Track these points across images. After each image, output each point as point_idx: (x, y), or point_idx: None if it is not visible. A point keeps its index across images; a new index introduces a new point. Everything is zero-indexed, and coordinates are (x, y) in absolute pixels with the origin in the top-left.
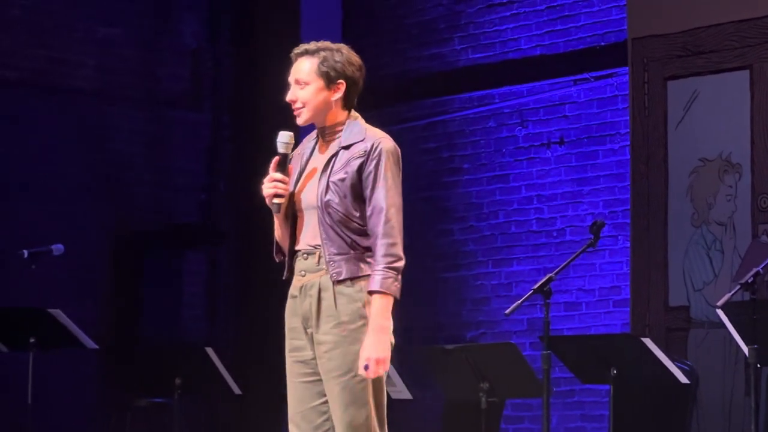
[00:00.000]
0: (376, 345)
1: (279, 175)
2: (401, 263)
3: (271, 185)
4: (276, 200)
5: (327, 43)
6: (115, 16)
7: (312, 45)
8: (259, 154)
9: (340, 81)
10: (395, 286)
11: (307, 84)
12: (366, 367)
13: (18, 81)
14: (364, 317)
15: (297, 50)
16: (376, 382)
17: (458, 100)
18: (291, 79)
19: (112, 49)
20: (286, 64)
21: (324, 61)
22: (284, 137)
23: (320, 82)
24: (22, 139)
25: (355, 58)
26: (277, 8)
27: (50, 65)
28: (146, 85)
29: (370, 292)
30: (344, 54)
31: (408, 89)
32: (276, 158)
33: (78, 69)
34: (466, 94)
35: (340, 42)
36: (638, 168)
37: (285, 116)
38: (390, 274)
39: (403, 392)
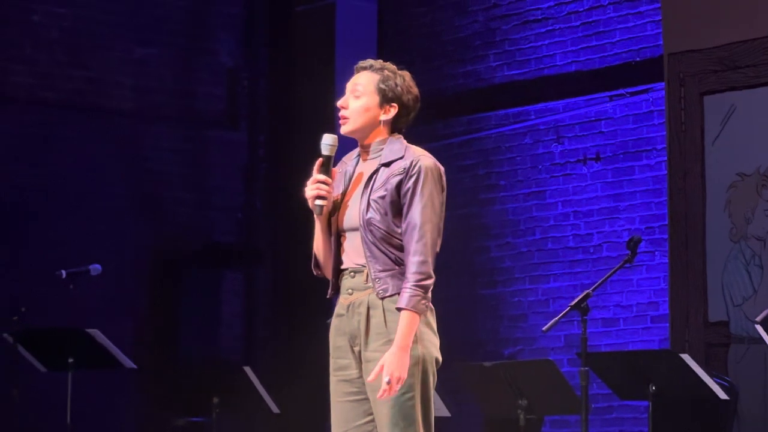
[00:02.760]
0: (399, 363)
1: (322, 177)
2: (430, 281)
3: (314, 186)
4: (318, 202)
5: (392, 66)
6: (152, 36)
7: (378, 62)
8: (295, 173)
9: (394, 104)
10: (422, 305)
11: (362, 96)
12: (388, 381)
13: (56, 101)
14: None
15: (362, 63)
16: (425, 400)
17: (494, 117)
18: (348, 87)
19: (148, 69)
20: (322, 83)
21: (386, 80)
22: (328, 139)
23: (375, 98)
24: (59, 160)
25: (415, 89)
26: (313, 26)
27: (88, 86)
28: (183, 105)
29: (398, 309)
30: (406, 80)
31: (444, 106)
32: (320, 160)
33: (115, 89)
34: (501, 111)
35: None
36: (675, 183)
37: (321, 134)
38: (418, 292)
39: (441, 410)
